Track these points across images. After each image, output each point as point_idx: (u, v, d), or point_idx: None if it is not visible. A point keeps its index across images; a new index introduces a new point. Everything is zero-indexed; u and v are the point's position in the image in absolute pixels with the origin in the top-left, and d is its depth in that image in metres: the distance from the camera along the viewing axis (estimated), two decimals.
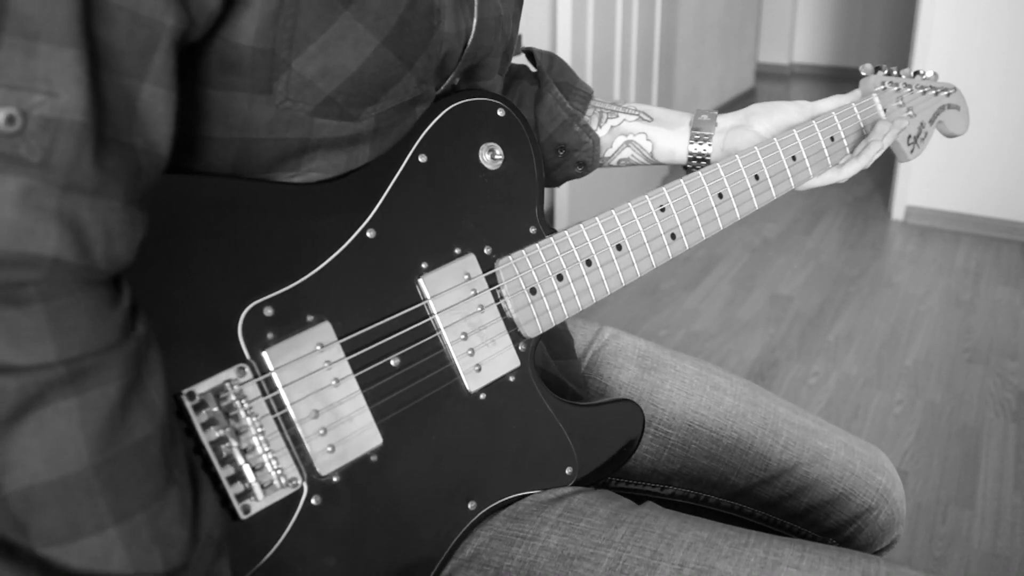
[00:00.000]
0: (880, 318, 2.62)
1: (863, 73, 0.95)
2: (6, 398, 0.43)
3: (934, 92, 0.99)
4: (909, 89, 0.96)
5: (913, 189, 3.33)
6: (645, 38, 3.17)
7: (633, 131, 0.90)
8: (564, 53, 2.68)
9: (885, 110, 0.94)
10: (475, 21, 0.68)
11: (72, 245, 0.44)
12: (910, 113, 0.96)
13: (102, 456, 0.46)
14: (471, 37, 0.68)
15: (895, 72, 0.96)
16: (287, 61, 0.56)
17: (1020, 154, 3.12)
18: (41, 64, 0.43)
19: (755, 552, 0.67)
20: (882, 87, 0.94)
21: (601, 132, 0.90)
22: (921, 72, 0.98)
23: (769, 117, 0.89)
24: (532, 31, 2.71)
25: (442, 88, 0.69)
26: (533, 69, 0.89)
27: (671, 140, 0.90)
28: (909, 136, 0.96)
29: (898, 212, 3.37)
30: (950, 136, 1.02)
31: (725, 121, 0.90)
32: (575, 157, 0.89)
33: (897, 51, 5.65)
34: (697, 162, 0.90)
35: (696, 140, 0.89)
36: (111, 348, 0.46)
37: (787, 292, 2.79)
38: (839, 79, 5.82)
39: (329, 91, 0.58)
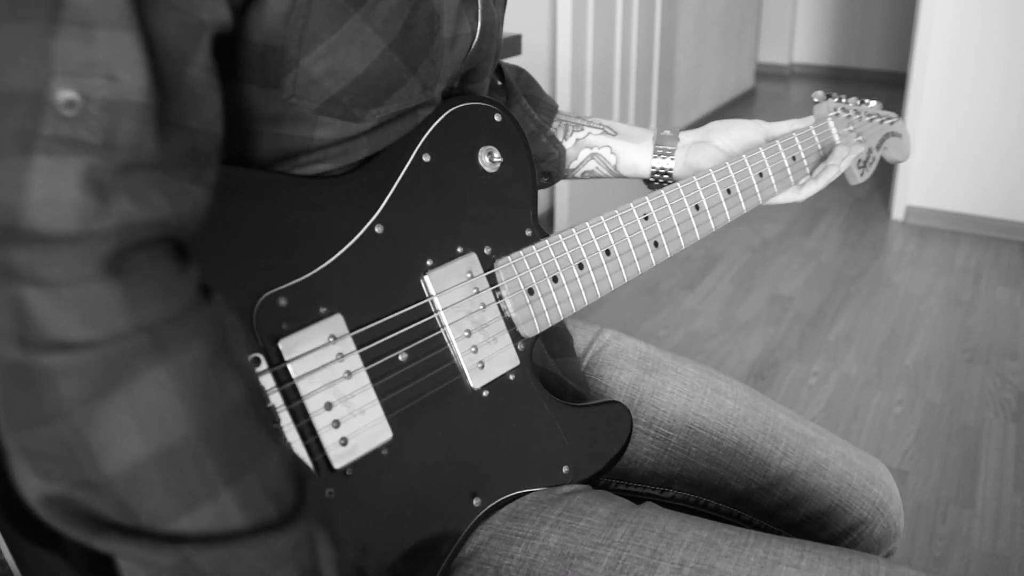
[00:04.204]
0: (880, 318, 2.62)
1: (815, 100, 1.00)
2: (89, 372, 0.43)
3: (879, 120, 1.04)
4: (858, 116, 1.02)
5: (913, 189, 3.33)
6: (645, 38, 3.17)
7: (598, 144, 0.93)
8: (564, 54, 2.69)
9: (839, 135, 0.98)
10: (479, 25, 0.69)
11: (138, 214, 0.45)
12: (860, 139, 1.01)
13: (204, 420, 0.46)
14: (475, 41, 0.69)
15: (844, 100, 1.01)
16: (296, 59, 0.57)
17: (1020, 154, 3.13)
18: (100, 50, 0.44)
19: (755, 552, 0.67)
20: (835, 113, 0.99)
21: (567, 144, 0.92)
22: (867, 101, 1.04)
23: (728, 132, 0.92)
24: (532, 31, 2.71)
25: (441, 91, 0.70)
26: (499, 82, 0.90)
27: (635, 154, 0.92)
28: (860, 160, 1.02)
29: (898, 212, 3.38)
30: (893, 162, 1.08)
31: (687, 137, 0.93)
32: (541, 167, 0.91)
33: (897, 51, 5.65)
34: (659, 176, 0.92)
35: (659, 155, 0.92)
36: (186, 313, 0.46)
37: (787, 292, 2.79)
38: (839, 79, 5.83)
39: (335, 91, 0.60)
